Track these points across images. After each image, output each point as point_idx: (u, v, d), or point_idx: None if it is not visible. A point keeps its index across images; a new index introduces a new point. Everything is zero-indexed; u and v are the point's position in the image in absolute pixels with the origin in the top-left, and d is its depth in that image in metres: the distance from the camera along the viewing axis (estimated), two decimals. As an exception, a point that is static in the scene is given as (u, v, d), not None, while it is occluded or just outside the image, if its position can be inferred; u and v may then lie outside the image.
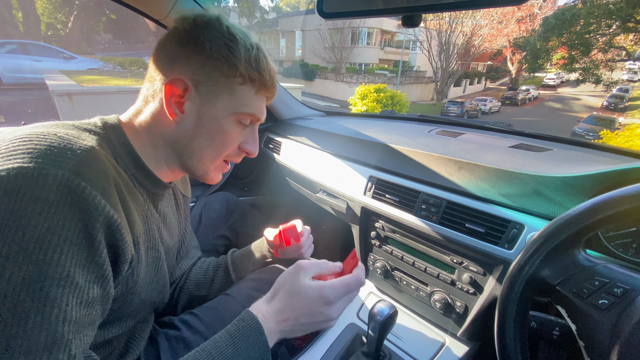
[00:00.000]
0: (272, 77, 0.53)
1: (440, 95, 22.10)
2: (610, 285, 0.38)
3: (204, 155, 0.52)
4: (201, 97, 0.48)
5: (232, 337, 0.44)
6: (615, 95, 21.06)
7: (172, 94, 0.47)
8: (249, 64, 0.49)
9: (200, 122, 0.49)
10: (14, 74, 9.07)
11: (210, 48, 0.47)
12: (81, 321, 0.36)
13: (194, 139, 0.50)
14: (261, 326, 0.46)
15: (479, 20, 20.35)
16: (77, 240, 0.35)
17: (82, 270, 0.35)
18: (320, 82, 23.46)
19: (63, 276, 0.33)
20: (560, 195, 0.60)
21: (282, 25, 29.79)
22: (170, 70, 0.47)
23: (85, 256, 0.36)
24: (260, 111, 0.54)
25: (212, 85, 0.48)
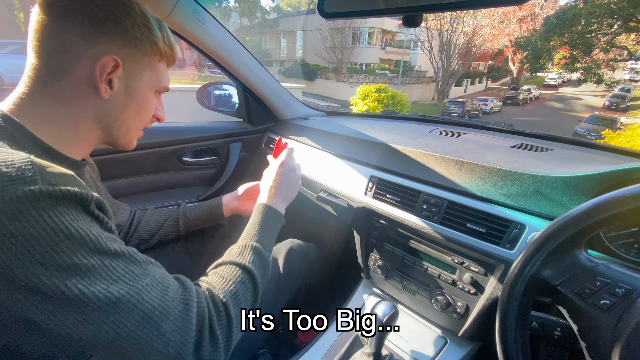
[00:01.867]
0: (177, 50, 0.59)
1: (442, 95, 22.08)
2: (612, 286, 0.38)
3: (131, 126, 0.56)
4: (127, 74, 0.51)
5: (263, 219, 0.65)
6: (617, 95, 20.99)
7: (103, 71, 0.47)
8: (164, 43, 0.54)
9: (129, 96, 0.53)
10: (16, 74, 9.06)
11: (132, 28, 0.49)
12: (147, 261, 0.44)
13: (123, 112, 0.53)
14: (270, 206, 0.68)
15: (480, 20, 20.33)
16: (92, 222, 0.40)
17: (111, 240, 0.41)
18: (321, 82, 23.46)
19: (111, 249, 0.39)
20: (561, 196, 0.60)
21: (283, 25, 29.80)
22: (91, 47, 0.46)
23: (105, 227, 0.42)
24: (169, 82, 0.61)
25: (137, 62, 0.51)
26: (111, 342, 0.37)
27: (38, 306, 0.34)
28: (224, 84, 1.40)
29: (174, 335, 0.40)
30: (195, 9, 0.96)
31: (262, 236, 0.62)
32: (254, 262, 0.56)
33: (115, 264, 0.39)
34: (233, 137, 1.37)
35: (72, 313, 0.35)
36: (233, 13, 31.82)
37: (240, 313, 0.50)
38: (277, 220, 0.69)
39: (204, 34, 1.01)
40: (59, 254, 0.35)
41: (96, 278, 0.36)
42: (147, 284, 0.40)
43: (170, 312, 0.40)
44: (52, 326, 0.35)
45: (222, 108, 1.44)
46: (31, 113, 0.46)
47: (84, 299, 0.35)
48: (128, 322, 0.37)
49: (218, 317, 0.46)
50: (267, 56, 30.50)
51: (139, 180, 1.21)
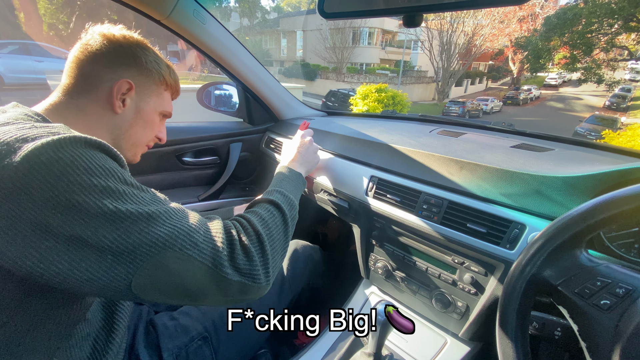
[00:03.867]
0: (179, 85, 0.73)
1: (442, 95, 22.07)
2: (612, 286, 0.38)
3: (138, 140, 0.66)
4: (138, 96, 0.63)
5: (286, 176, 0.75)
6: (618, 95, 20.97)
7: (119, 91, 0.59)
8: (170, 77, 0.68)
9: (138, 114, 0.64)
10: (16, 75, 9.08)
11: (145, 62, 0.63)
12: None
13: (132, 127, 0.64)
14: (289, 167, 0.79)
15: (481, 20, 20.32)
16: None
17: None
18: (321, 82, 23.46)
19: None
20: (562, 196, 0.60)
21: (283, 25, 29.80)
22: (111, 73, 0.59)
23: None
24: (172, 109, 0.73)
25: (147, 88, 0.64)
26: (150, 254, 0.41)
27: (81, 222, 0.38)
28: (224, 84, 1.40)
29: (206, 244, 0.45)
30: (196, 9, 0.96)
31: (284, 185, 0.71)
32: (278, 198, 0.65)
33: (142, 194, 0.45)
34: (233, 137, 1.37)
35: (110, 226, 0.39)
36: (233, 13, 31.81)
37: (269, 232, 0.56)
38: (298, 178, 0.77)
39: (204, 34, 1.02)
40: (95, 177, 0.40)
41: (127, 200, 0.42)
42: (173, 207, 0.47)
43: (199, 227, 0.46)
44: (96, 240, 0.39)
45: (222, 108, 1.44)
46: (60, 117, 0.55)
47: (119, 214, 0.40)
48: (162, 233, 0.42)
49: (246, 232, 0.52)
50: (268, 56, 30.51)
51: (139, 180, 1.20)
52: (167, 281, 0.43)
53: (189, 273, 0.43)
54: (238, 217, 0.57)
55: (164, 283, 0.43)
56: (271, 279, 0.52)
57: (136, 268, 0.41)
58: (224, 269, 0.46)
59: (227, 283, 0.46)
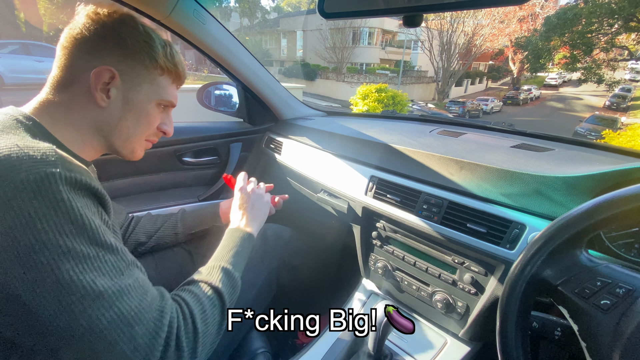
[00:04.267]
0: (184, 68, 0.63)
1: (442, 95, 22.07)
2: (612, 286, 0.38)
3: (131, 135, 0.59)
4: (126, 85, 0.55)
5: (234, 242, 0.68)
6: (618, 95, 20.96)
7: (98, 82, 0.52)
8: (166, 58, 0.58)
9: (127, 106, 0.56)
10: (17, 75, 9.09)
11: (131, 43, 0.54)
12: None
13: (121, 121, 0.57)
14: (238, 228, 0.72)
15: (481, 20, 20.32)
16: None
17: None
18: (321, 82, 23.45)
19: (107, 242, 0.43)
20: (562, 196, 0.60)
21: (283, 25, 29.79)
22: (92, 61, 0.52)
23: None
24: (175, 98, 0.64)
25: (136, 75, 0.56)
26: (82, 335, 0.38)
27: (30, 282, 0.36)
28: (224, 84, 1.40)
29: (144, 339, 0.41)
30: (196, 9, 0.96)
31: (230, 257, 0.65)
32: (222, 281, 0.58)
33: (107, 257, 0.42)
34: (233, 137, 1.37)
35: (57, 296, 0.37)
36: (233, 13, 31.81)
37: (206, 328, 0.51)
38: (247, 240, 0.71)
39: (204, 34, 1.02)
40: (62, 236, 0.38)
41: (87, 267, 0.39)
42: (130, 284, 0.42)
43: (145, 317, 0.42)
44: (35, 306, 0.37)
45: (222, 108, 1.44)
46: (48, 116, 0.51)
47: (72, 285, 0.37)
48: (104, 318, 0.39)
49: (185, 329, 0.47)
50: (268, 56, 30.50)
51: (139, 180, 1.21)
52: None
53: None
54: (181, 304, 0.50)
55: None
56: None
57: (59, 347, 0.39)
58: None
59: None
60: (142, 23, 0.57)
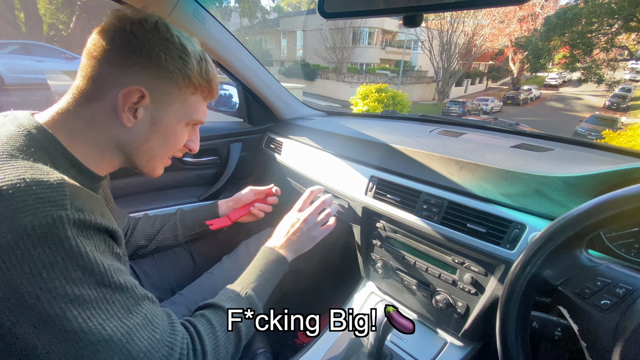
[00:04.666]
0: (217, 83, 0.59)
1: (442, 95, 22.07)
2: (613, 286, 0.38)
3: (155, 155, 0.56)
4: (155, 105, 0.51)
5: (266, 264, 0.67)
6: (618, 95, 20.97)
7: (127, 102, 0.48)
8: (200, 76, 0.53)
9: (155, 127, 0.52)
10: (17, 75, 9.09)
11: (165, 60, 0.49)
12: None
13: (147, 141, 0.53)
14: (279, 252, 0.71)
15: (481, 20, 20.32)
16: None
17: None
18: (321, 82, 23.45)
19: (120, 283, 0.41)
20: (562, 196, 0.60)
21: (284, 25, 29.80)
22: (122, 77, 0.48)
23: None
24: (205, 115, 0.60)
25: (166, 94, 0.51)
26: None
27: (38, 331, 0.35)
28: (224, 84, 1.40)
29: None
30: (196, 9, 0.96)
31: (259, 284, 0.63)
32: (245, 316, 0.56)
33: (115, 297, 0.40)
34: (233, 137, 1.37)
35: (65, 344, 0.36)
36: (233, 13, 31.81)
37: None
38: (282, 268, 0.70)
39: (204, 34, 1.01)
40: (69, 284, 0.36)
41: (95, 311, 0.38)
42: (139, 323, 0.42)
43: (154, 355, 0.42)
44: (43, 351, 0.36)
45: (222, 108, 1.44)
46: (66, 129, 0.47)
47: (79, 332, 0.36)
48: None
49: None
50: (268, 56, 30.51)
51: (139, 180, 1.21)
52: None
53: None
54: (193, 336, 0.49)
55: None
56: None
57: None
58: None
59: None
60: (178, 32, 0.51)
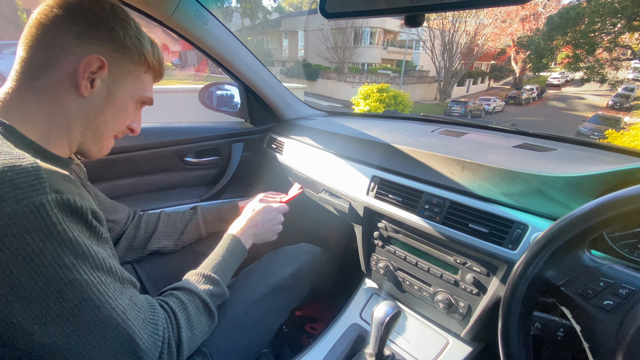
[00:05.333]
0: (164, 67, 0.64)
1: (444, 94, 22.02)
2: (615, 286, 0.38)
3: (105, 130, 0.57)
4: (112, 78, 0.53)
5: (228, 251, 0.71)
6: (621, 95, 20.86)
7: (87, 70, 0.49)
8: (153, 57, 0.58)
9: (109, 100, 0.54)
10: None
11: (124, 37, 0.53)
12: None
13: (101, 114, 0.54)
14: (238, 238, 0.75)
15: (483, 20, 20.27)
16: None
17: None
18: (322, 82, 23.46)
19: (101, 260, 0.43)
20: (564, 196, 0.59)
21: (285, 25, 29.81)
22: (79, 46, 0.49)
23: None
24: (153, 95, 0.63)
25: (123, 69, 0.54)
26: (91, 353, 0.40)
27: (34, 315, 0.36)
28: (225, 84, 1.41)
29: (146, 353, 0.45)
30: (198, 10, 0.96)
31: (220, 268, 0.68)
32: (209, 291, 0.61)
33: (108, 280, 0.43)
34: (235, 137, 1.37)
35: (63, 325, 0.38)
36: (235, 13, 31.87)
37: (192, 334, 0.55)
38: (241, 253, 0.75)
39: (206, 34, 1.02)
40: (62, 269, 0.37)
41: (90, 295, 0.40)
42: (128, 304, 0.45)
43: (144, 332, 0.45)
44: (41, 334, 0.37)
45: (224, 108, 1.44)
46: (19, 110, 0.47)
47: (78, 314, 0.39)
48: (110, 338, 0.41)
49: (174, 335, 0.52)
50: (269, 56, 30.55)
51: (141, 180, 1.21)
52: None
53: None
54: (169, 312, 0.53)
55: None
56: None
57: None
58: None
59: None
60: (133, 18, 0.56)
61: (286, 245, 0.95)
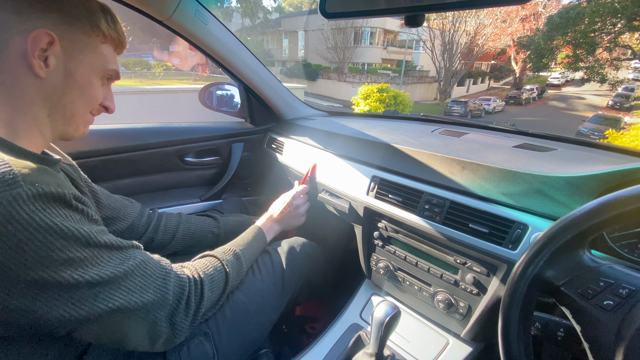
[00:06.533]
0: (125, 35, 0.59)
1: (444, 94, 22.01)
2: (616, 286, 0.38)
3: (75, 111, 0.53)
4: (66, 53, 0.49)
5: (254, 238, 0.81)
6: (621, 95, 20.84)
7: (36, 47, 0.45)
8: (108, 25, 0.54)
9: (70, 79, 0.51)
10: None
11: (68, 5, 0.49)
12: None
13: (65, 94, 0.51)
14: (263, 230, 0.86)
15: (483, 20, 20.26)
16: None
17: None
18: (323, 82, 23.46)
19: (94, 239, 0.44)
20: (564, 196, 0.59)
21: (285, 25, 29.81)
22: (23, 23, 0.45)
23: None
24: (118, 68, 0.59)
25: (76, 42, 0.50)
26: (101, 315, 0.43)
27: (35, 296, 0.38)
28: (226, 84, 1.41)
29: (153, 302, 0.48)
30: (198, 10, 0.96)
31: (246, 250, 0.75)
32: (232, 263, 0.69)
33: (103, 253, 0.44)
34: (235, 137, 1.37)
35: (67, 297, 0.40)
36: (235, 13, 31.88)
37: (211, 295, 0.60)
38: (263, 243, 0.84)
39: (206, 34, 1.02)
40: (54, 252, 0.38)
41: (88, 267, 0.41)
42: (131, 265, 0.47)
43: (150, 286, 0.48)
44: (47, 310, 0.39)
45: (224, 108, 1.44)
46: None
47: (78, 285, 0.40)
48: (117, 297, 0.44)
49: (195, 292, 0.56)
50: (269, 56, 30.55)
51: (141, 180, 1.21)
52: (105, 331, 0.45)
53: (128, 327, 0.47)
54: (195, 275, 0.59)
55: (100, 333, 0.45)
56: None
57: (76, 328, 0.42)
58: (161, 324, 0.50)
59: (158, 335, 0.51)
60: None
61: None
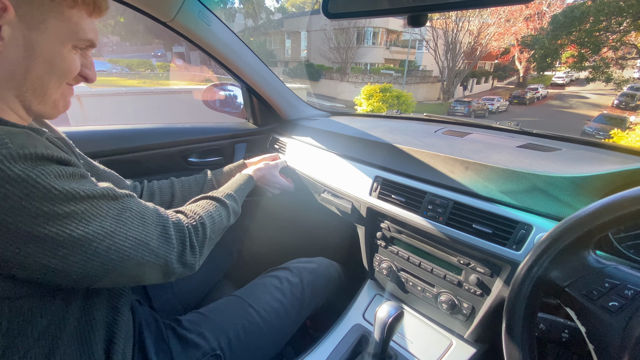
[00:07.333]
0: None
1: (447, 94, 21.93)
2: (621, 287, 0.37)
3: (46, 88, 0.47)
4: (24, 22, 0.41)
5: (244, 181, 0.89)
6: (626, 94, 20.63)
7: None
8: None
9: (33, 52, 0.43)
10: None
11: None
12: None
13: (29, 72, 0.44)
14: (252, 177, 0.95)
15: (486, 19, 20.15)
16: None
17: None
18: (325, 83, 23.46)
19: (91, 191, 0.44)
20: (569, 196, 0.59)
21: (288, 26, 29.85)
22: None
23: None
24: (96, 34, 0.50)
25: (36, 8, 0.42)
26: (116, 265, 0.45)
27: (49, 252, 0.39)
28: (229, 84, 1.41)
29: (161, 249, 0.51)
30: (201, 11, 0.96)
31: (238, 191, 0.83)
32: (230, 204, 0.74)
33: (102, 203, 0.45)
34: (238, 137, 1.37)
35: (80, 252, 0.41)
36: (238, 14, 31.99)
37: (213, 235, 0.65)
38: (251, 184, 0.93)
39: (209, 35, 1.02)
40: (57, 205, 0.39)
41: (91, 219, 0.42)
42: (129, 216, 0.48)
43: (153, 234, 0.51)
44: (65, 267, 0.40)
45: (227, 109, 1.45)
46: None
47: (88, 237, 0.41)
48: (126, 247, 0.46)
49: (195, 232, 0.59)
50: (272, 57, 30.60)
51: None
52: (123, 278, 0.47)
53: (144, 271, 0.50)
54: (193, 216, 0.62)
55: (119, 280, 0.47)
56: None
57: (97, 278, 0.44)
58: (173, 265, 0.53)
59: (172, 273, 0.54)
60: None
61: (302, 254, 1.00)
